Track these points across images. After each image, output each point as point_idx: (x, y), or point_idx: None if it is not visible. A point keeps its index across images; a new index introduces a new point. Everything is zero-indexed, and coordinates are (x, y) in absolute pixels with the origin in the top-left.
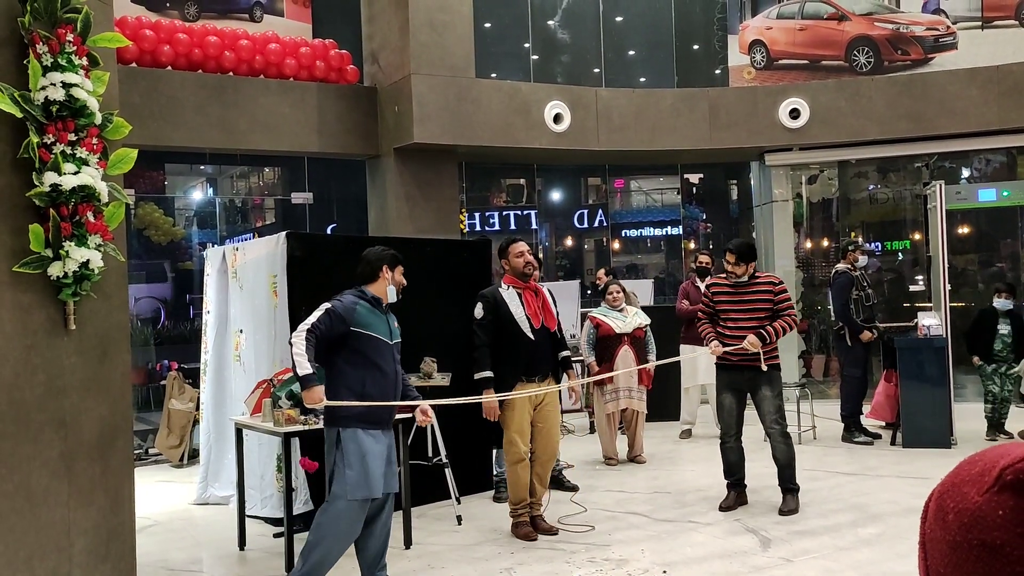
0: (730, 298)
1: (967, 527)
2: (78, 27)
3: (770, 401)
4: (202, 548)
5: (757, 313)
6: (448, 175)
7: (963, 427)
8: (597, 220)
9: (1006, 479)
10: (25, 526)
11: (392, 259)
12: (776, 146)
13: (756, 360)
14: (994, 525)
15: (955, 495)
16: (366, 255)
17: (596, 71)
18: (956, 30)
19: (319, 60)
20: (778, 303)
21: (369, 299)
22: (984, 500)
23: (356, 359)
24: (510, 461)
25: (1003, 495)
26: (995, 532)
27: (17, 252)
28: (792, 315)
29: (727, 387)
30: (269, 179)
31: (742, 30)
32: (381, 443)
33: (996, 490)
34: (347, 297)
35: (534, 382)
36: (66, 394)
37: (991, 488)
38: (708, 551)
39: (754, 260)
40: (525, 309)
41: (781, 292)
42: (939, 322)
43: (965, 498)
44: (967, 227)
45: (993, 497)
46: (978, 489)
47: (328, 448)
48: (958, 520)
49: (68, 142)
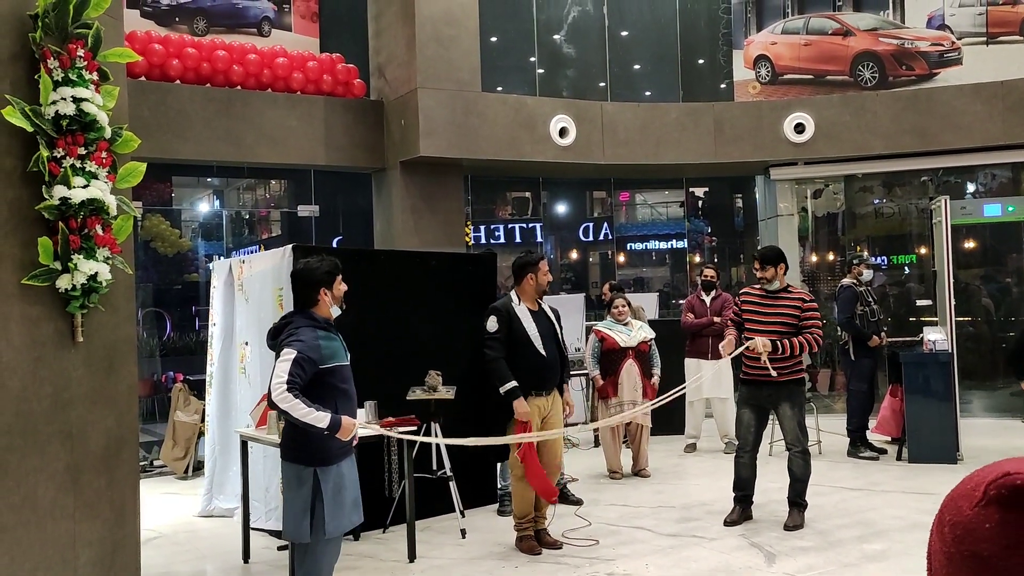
0: (757, 308)
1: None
2: (89, 42)
3: (790, 418)
4: (206, 561)
5: (779, 327)
6: (454, 188)
7: (969, 442)
8: (602, 233)
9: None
10: (31, 538)
11: (328, 276)
12: (781, 160)
13: (767, 376)
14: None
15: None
16: (298, 278)
17: (601, 85)
18: (961, 46)
19: (326, 74)
20: (804, 319)
21: (321, 325)
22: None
23: (326, 392)
24: (516, 475)
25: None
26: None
27: (26, 265)
28: (818, 333)
29: (747, 402)
30: (275, 192)
31: (747, 45)
32: (352, 471)
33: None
34: (306, 334)
35: (542, 396)
36: (73, 406)
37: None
38: (713, 566)
39: (781, 263)
40: (537, 326)
41: (809, 309)
42: (945, 337)
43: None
44: (972, 242)
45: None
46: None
47: (297, 484)
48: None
49: (78, 156)
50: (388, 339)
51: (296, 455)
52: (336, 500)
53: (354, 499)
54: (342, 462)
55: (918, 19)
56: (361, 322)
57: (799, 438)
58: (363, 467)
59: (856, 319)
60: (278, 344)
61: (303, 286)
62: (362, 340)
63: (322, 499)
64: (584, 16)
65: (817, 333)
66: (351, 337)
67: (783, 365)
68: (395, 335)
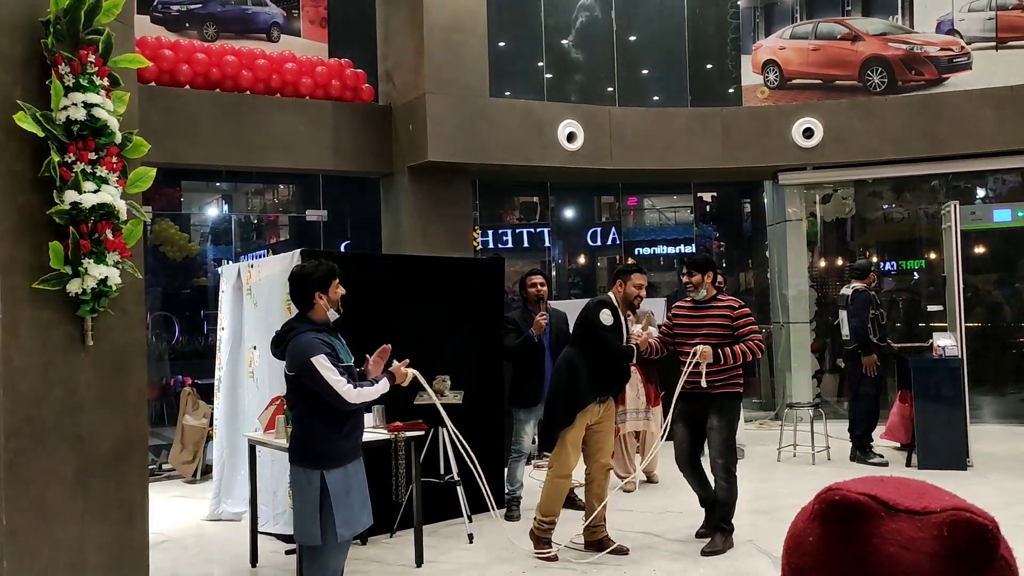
0: (688, 321)
1: (789, 551)
2: (100, 48)
3: (716, 432)
4: (214, 564)
5: (711, 337)
6: (462, 193)
7: (979, 449)
8: (610, 238)
9: (815, 508)
10: (40, 542)
11: (322, 281)
12: (790, 165)
13: (708, 388)
14: (804, 551)
15: (794, 521)
16: (293, 283)
17: (610, 90)
18: (970, 50)
19: (335, 79)
20: (737, 327)
21: (321, 328)
22: (803, 526)
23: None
24: (555, 473)
25: (814, 523)
26: (805, 557)
27: (37, 269)
28: (757, 339)
29: (680, 416)
30: (284, 196)
31: (755, 50)
32: (360, 472)
33: (811, 517)
34: (306, 338)
35: (595, 402)
36: (82, 410)
37: (809, 515)
38: (721, 572)
39: (709, 270)
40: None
41: (741, 316)
42: (954, 342)
43: (796, 524)
44: (982, 247)
45: (808, 524)
46: (804, 516)
47: (305, 487)
48: (787, 543)
49: (88, 161)
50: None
51: (303, 458)
52: (344, 502)
53: (362, 501)
54: (349, 464)
55: (927, 24)
56: (368, 327)
57: (724, 454)
58: (370, 471)
59: (869, 323)
60: (282, 352)
61: (298, 290)
62: (369, 344)
63: (330, 501)
64: (592, 21)
65: (756, 339)
66: (359, 341)
67: (717, 377)
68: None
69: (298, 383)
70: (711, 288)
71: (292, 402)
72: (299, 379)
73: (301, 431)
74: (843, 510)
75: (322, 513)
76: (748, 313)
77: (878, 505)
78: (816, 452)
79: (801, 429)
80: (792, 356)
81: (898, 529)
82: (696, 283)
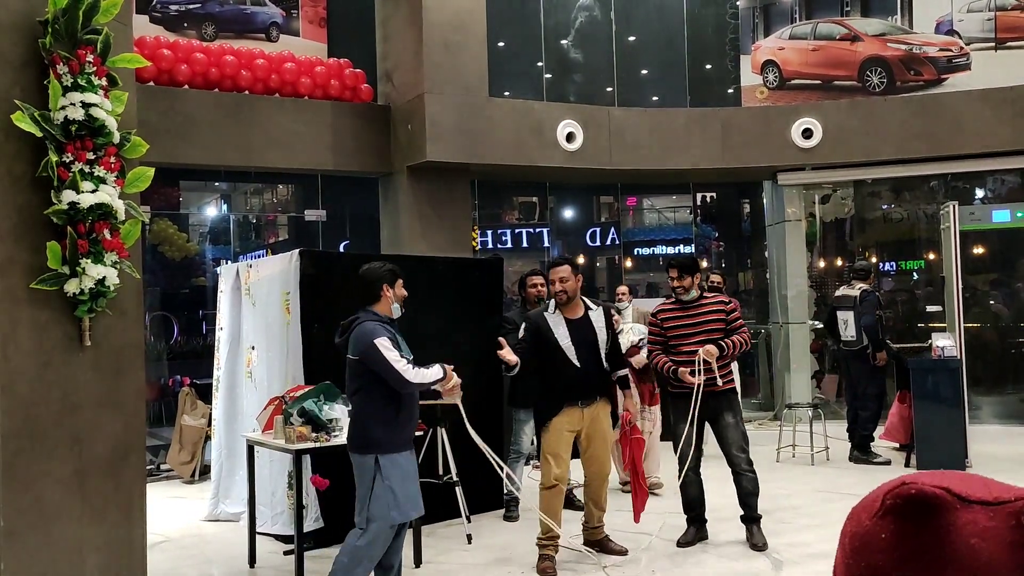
0: (681, 322)
1: (857, 551)
2: (98, 48)
3: (733, 428)
4: (212, 565)
5: (712, 334)
6: (461, 193)
7: (978, 449)
8: (609, 238)
9: (887, 504)
10: (38, 543)
11: (391, 275)
12: (789, 165)
13: (714, 385)
14: (877, 548)
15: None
16: (364, 275)
17: (609, 90)
18: (970, 51)
19: (334, 79)
20: (731, 321)
21: (385, 321)
22: (872, 524)
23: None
24: (540, 485)
25: (885, 520)
26: (878, 555)
27: (35, 269)
28: (746, 333)
29: (683, 417)
30: (283, 196)
31: (754, 50)
32: (413, 464)
33: (881, 515)
34: (375, 324)
35: (576, 407)
36: (81, 410)
37: (877, 512)
38: (719, 572)
39: (697, 273)
40: (572, 334)
41: (734, 311)
42: (953, 343)
43: (859, 523)
44: (981, 248)
45: (879, 522)
46: (869, 514)
47: (362, 473)
48: (851, 544)
49: (86, 161)
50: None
51: (359, 446)
52: (402, 488)
53: (415, 491)
54: (402, 452)
55: (927, 24)
56: None
57: (744, 447)
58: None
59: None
60: (346, 340)
61: (367, 282)
62: None
63: (385, 484)
64: (591, 21)
65: (746, 334)
66: None
67: (723, 372)
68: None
69: (359, 369)
70: (697, 288)
71: (352, 390)
72: (362, 364)
73: (358, 418)
74: (919, 504)
75: (371, 497)
76: (738, 308)
77: (952, 497)
78: (815, 453)
79: (800, 430)
80: (791, 356)
81: (973, 520)
82: (687, 286)
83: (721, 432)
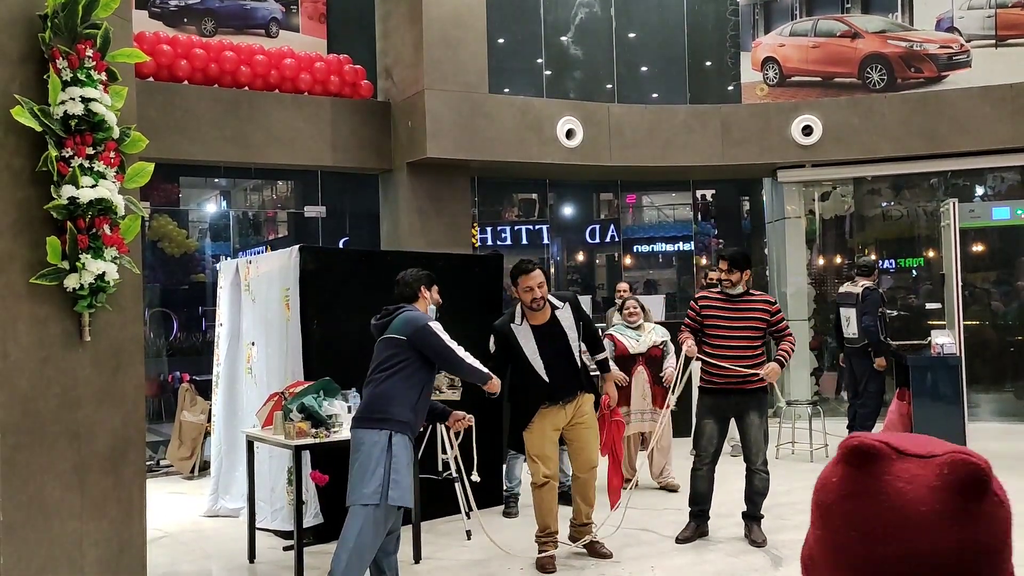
0: (721, 312)
1: (817, 491)
2: (98, 43)
3: (757, 428)
4: (212, 561)
5: (749, 331)
6: (460, 190)
7: (977, 446)
8: (609, 235)
9: (839, 453)
10: (38, 537)
11: (428, 279)
12: (788, 163)
13: (743, 383)
14: (830, 489)
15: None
16: (403, 277)
17: (609, 87)
18: (970, 48)
19: (333, 75)
20: (775, 323)
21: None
22: (828, 471)
23: (426, 376)
24: (532, 484)
25: (838, 466)
26: (830, 494)
27: (34, 264)
28: (792, 340)
29: (710, 412)
30: (282, 192)
31: (754, 47)
32: (412, 455)
33: (835, 463)
34: (423, 313)
35: (557, 405)
36: (80, 406)
37: (832, 461)
38: (719, 569)
39: (748, 269)
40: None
41: (778, 313)
42: (953, 340)
43: (823, 473)
44: (981, 245)
45: (833, 468)
46: (829, 464)
47: (369, 450)
48: (815, 488)
49: (86, 156)
50: None
51: (377, 420)
52: (407, 473)
53: (409, 482)
54: (409, 439)
55: (927, 21)
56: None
57: (763, 450)
58: None
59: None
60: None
61: (407, 283)
62: (368, 341)
63: (393, 465)
64: (591, 18)
65: (791, 340)
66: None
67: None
68: None
69: (398, 348)
70: (744, 284)
71: (381, 367)
72: (404, 344)
73: (381, 395)
74: (861, 453)
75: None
76: (781, 310)
77: (890, 450)
78: (814, 449)
79: (800, 427)
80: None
81: (906, 468)
82: (735, 280)
83: (745, 430)
